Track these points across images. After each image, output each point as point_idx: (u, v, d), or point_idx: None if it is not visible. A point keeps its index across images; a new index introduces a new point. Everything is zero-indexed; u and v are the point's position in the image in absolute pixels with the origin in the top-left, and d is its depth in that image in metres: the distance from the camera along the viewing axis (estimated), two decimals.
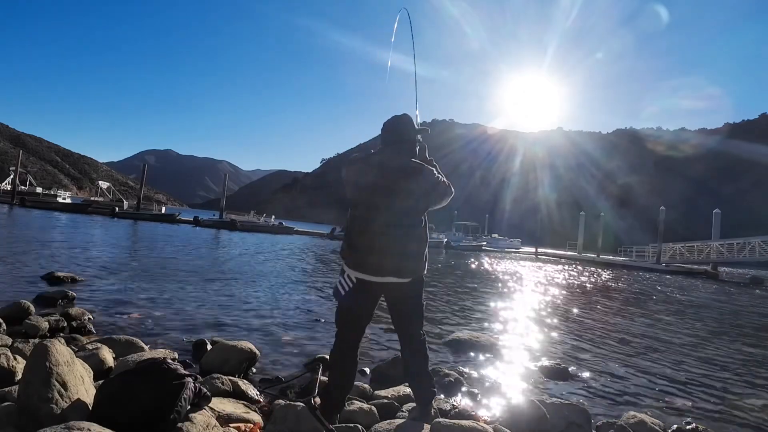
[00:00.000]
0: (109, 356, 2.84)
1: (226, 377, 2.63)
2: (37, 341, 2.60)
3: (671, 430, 2.69)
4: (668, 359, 4.79)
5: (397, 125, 2.21)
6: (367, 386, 2.85)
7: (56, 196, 44.06)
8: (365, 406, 2.37)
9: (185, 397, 1.78)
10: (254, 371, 3.25)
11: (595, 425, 2.57)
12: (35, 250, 9.58)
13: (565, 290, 11.59)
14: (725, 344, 5.98)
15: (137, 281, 6.73)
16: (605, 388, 3.62)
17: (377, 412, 2.36)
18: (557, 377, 3.72)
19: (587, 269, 24.05)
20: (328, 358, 2.79)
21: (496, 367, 3.91)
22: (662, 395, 3.54)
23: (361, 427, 2.06)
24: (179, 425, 1.71)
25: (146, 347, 3.29)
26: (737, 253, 28.46)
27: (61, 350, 1.85)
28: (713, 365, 4.70)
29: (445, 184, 2.14)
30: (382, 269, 2.02)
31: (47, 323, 3.62)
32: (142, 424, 1.65)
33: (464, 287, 10.43)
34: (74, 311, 4.10)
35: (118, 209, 36.99)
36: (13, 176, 44.69)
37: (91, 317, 4.17)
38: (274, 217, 42.11)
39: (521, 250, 49.00)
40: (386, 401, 2.60)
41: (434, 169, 2.16)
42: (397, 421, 2.20)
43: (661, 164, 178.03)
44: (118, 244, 13.86)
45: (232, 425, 1.99)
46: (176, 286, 6.70)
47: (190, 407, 1.82)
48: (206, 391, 1.96)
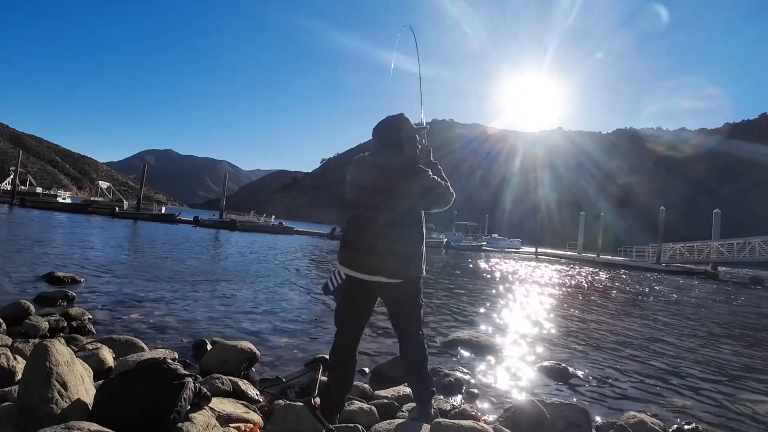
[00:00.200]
0: (109, 356, 2.85)
1: (226, 377, 2.64)
2: (37, 341, 2.61)
3: (671, 430, 2.69)
4: (668, 359, 4.79)
5: (393, 125, 2.19)
6: (367, 386, 2.86)
7: (56, 196, 44.09)
8: (365, 406, 2.38)
9: (185, 397, 1.78)
10: (254, 371, 3.25)
11: (595, 425, 2.57)
12: (35, 250, 9.58)
13: (564, 290, 11.59)
14: (725, 344, 5.98)
15: (137, 281, 6.73)
16: (605, 388, 3.62)
17: (377, 412, 2.36)
18: (557, 377, 3.72)
19: (587, 269, 24.04)
20: (328, 358, 2.79)
21: (495, 367, 3.91)
22: (662, 395, 3.54)
23: (361, 427, 2.06)
24: (179, 425, 1.71)
25: (146, 347, 3.29)
26: (737, 253, 28.48)
27: (61, 350, 1.85)
28: (713, 365, 4.69)
29: (441, 187, 2.11)
30: (370, 268, 2.04)
31: (47, 323, 3.62)
32: (142, 424, 1.65)
33: (464, 287, 10.43)
34: (74, 311, 4.10)
35: (118, 209, 36.98)
36: (13, 176, 44.72)
37: (91, 317, 4.17)
38: (274, 217, 42.09)
39: (521, 250, 48.99)
40: (386, 401, 2.60)
41: (430, 171, 2.14)
42: (397, 421, 2.20)
43: (661, 164, 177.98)
44: (118, 244, 13.85)
45: (232, 425, 1.99)
46: (176, 286, 6.70)
47: (190, 407, 1.82)
48: (206, 391, 1.96)
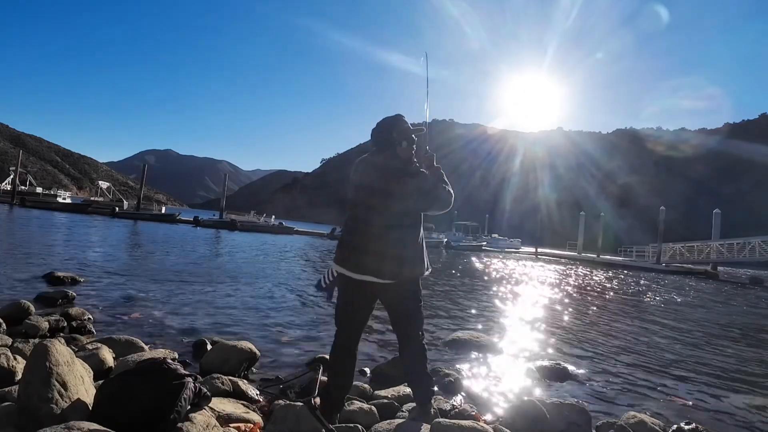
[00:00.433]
0: (109, 356, 2.85)
1: (226, 377, 2.64)
2: (37, 341, 2.61)
3: (671, 430, 2.69)
4: (668, 359, 4.79)
5: (386, 126, 2.18)
6: (367, 386, 2.86)
7: (56, 196, 44.06)
8: (365, 406, 2.38)
9: (185, 397, 1.78)
10: (254, 371, 3.25)
11: (594, 425, 2.57)
12: (35, 250, 9.58)
13: (565, 290, 11.59)
14: (724, 344, 5.98)
15: (137, 281, 6.73)
16: (605, 388, 3.62)
17: (377, 412, 2.36)
18: (557, 377, 3.72)
19: (587, 269, 24.04)
20: (328, 358, 2.80)
21: (495, 367, 3.91)
22: (662, 395, 3.54)
23: (361, 427, 2.06)
24: (179, 425, 1.71)
25: (146, 347, 3.30)
26: (737, 253, 28.47)
27: (61, 350, 1.85)
28: (713, 365, 4.70)
29: (439, 189, 2.10)
30: (362, 267, 2.05)
31: (47, 323, 3.62)
32: (142, 424, 1.65)
33: (464, 287, 10.43)
34: (74, 311, 4.10)
35: (118, 209, 36.94)
36: (13, 176, 44.70)
37: (91, 317, 4.17)
38: (274, 217, 42.09)
39: (521, 250, 48.94)
40: (386, 401, 2.60)
41: (430, 173, 2.14)
42: (397, 421, 2.20)
43: (661, 164, 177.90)
44: (118, 244, 13.86)
45: (232, 425, 1.99)
46: (176, 286, 6.70)
47: (190, 407, 1.82)
48: (206, 391, 1.96)
